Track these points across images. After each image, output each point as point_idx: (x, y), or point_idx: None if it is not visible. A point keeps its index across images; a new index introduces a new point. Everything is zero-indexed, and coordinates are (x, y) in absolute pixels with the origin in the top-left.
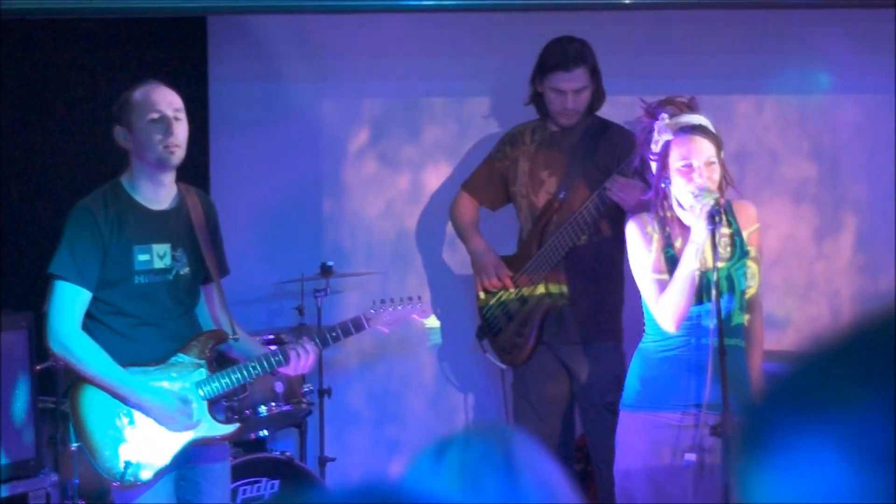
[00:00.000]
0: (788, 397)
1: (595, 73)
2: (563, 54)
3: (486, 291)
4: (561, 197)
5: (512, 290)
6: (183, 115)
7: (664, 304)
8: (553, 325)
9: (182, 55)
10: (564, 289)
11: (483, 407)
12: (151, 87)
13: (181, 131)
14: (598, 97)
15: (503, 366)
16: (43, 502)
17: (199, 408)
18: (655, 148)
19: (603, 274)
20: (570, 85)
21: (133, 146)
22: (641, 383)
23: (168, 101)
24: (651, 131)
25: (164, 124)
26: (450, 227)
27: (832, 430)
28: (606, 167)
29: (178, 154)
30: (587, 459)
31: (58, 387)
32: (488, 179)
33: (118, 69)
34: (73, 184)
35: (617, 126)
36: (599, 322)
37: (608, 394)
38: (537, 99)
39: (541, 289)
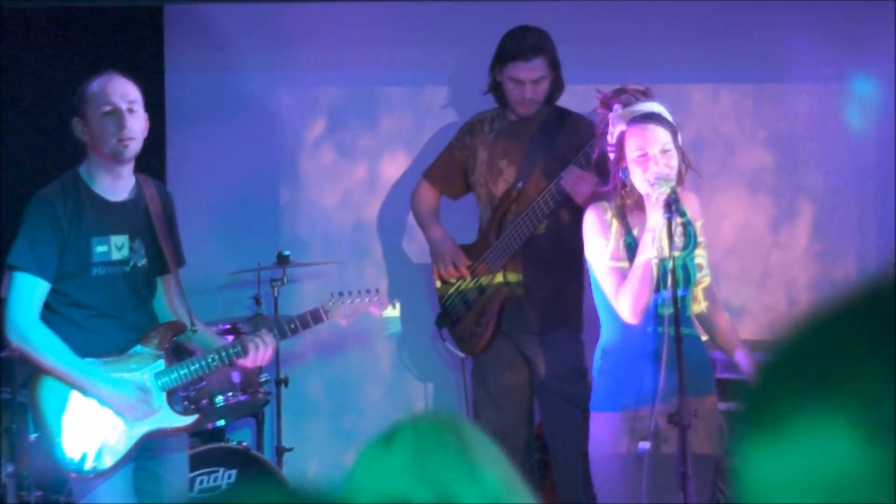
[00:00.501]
0: (792, 372)
1: (554, 64)
2: (521, 44)
3: (445, 280)
4: (519, 186)
5: (469, 279)
6: (138, 107)
7: (625, 295)
8: (512, 315)
9: (138, 45)
10: (522, 278)
11: (442, 396)
12: (106, 79)
13: (135, 124)
14: (557, 87)
15: (462, 354)
16: None
17: (158, 398)
18: (611, 139)
19: (561, 263)
20: (528, 75)
21: (89, 139)
22: (605, 381)
23: (122, 93)
24: (607, 122)
25: (118, 117)
26: (410, 217)
27: (839, 402)
28: (565, 156)
29: (133, 147)
30: (545, 448)
31: (14, 377)
32: (448, 168)
33: (74, 60)
34: (32, 174)
35: (576, 115)
36: (558, 311)
37: (566, 384)
38: (496, 88)
39: (499, 278)
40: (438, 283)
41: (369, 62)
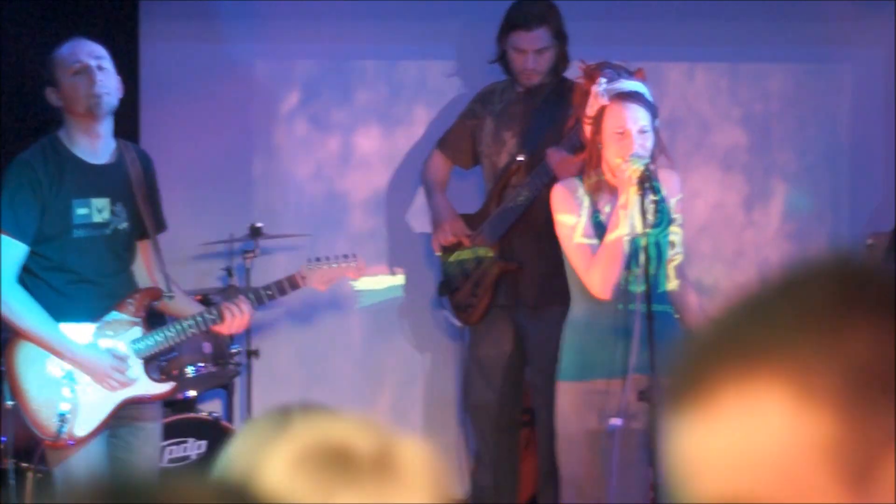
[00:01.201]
0: (722, 345)
1: (559, 35)
2: (525, 14)
3: (446, 248)
4: (519, 159)
5: (469, 248)
6: (108, 64)
7: (595, 271)
8: (507, 288)
9: (113, 14)
10: (518, 252)
11: (432, 368)
12: (75, 42)
13: (106, 78)
14: (562, 59)
15: (458, 323)
16: None
17: (135, 366)
18: (591, 112)
19: (556, 238)
20: (530, 44)
21: (64, 103)
22: (571, 353)
23: (88, 51)
24: (587, 94)
25: (87, 74)
26: (385, 190)
27: (771, 374)
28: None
29: (107, 100)
30: (531, 424)
31: None
32: (460, 138)
33: (47, 30)
34: (6, 143)
35: None
36: (552, 286)
37: (556, 360)
38: (503, 58)
39: (495, 250)
40: (439, 251)
41: (345, 35)
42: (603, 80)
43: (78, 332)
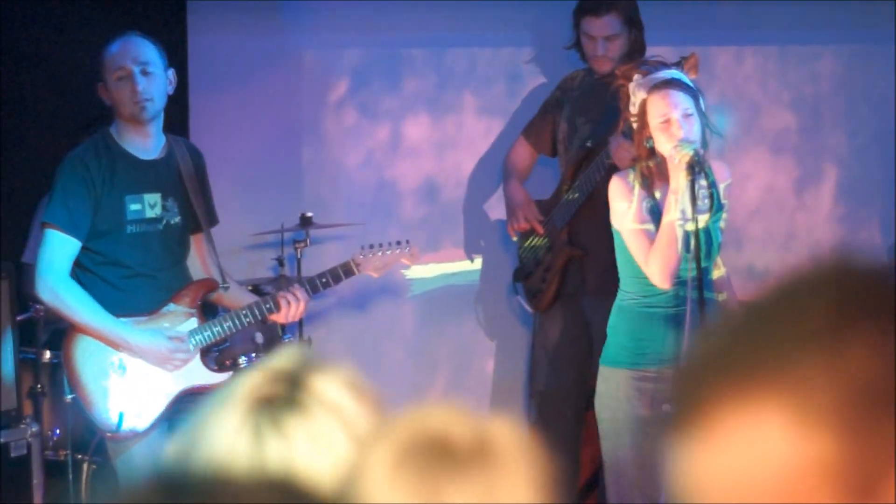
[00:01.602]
0: (722, 363)
1: (631, 22)
2: (596, 0)
3: (522, 233)
4: (588, 145)
5: (542, 234)
6: (154, 68)
7: (654, 259)
8: (575, 275)
9: (161, 6)
10: (584, 239)
11: (504, 357)
12: (121, 43)
13: (150, 84)
14: (637, 46)
15: (531, 309)
16: (24, 452)
17: (192, 356)
18: (633, 109)
19: None
20: (599, 31)
21: (112, 102)
22: (623, 339)
23: (133, 56)
24: (629, 94)
25: (130, 81)
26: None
27: (775, 391)
28: None
29: (150, 108)
30: None
31: (37, 338)
32: (542, 125)
33: (95, 23)
34: (55, 137)
35: None
36: (615, 274)
37: None
38: (578, 44)
39: (563, 236)
40: (515, 237)
41: (393, 23)
42: (638, 75)
43: (134, 324)
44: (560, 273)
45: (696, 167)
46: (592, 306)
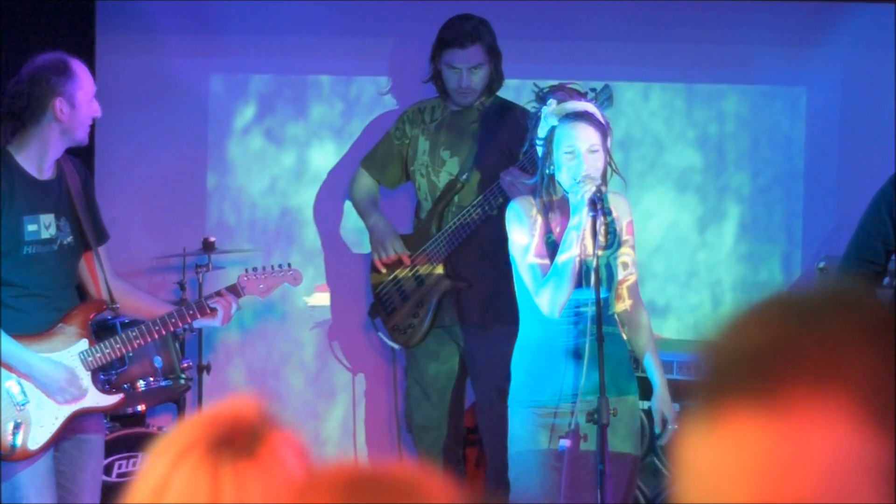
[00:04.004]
0: (728, 368)
1: (492, 52)
2: (459, 31)
3: (380, 269)
4: (463, 178)
5: (408, 268)
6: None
7: (546, 291)
8: (450, 308)
9: (69, 27)
10: (463, 271)
11: (370, 387)
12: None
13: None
14: (496, 77)
15: (395, 346)
16: None
17: (84, 378)
18: (542, 133)
19: (503, 257)
20: (464, 62)
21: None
22: (522, 375)
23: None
24: (539, 116)
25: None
26: (346, 206)
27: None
28: (510, 148)
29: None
30: (480, 442)
31: None
32: (386, 157)
33: (3, 42)
34: None
35: (521, 108)
36: (497, 306)
37: (502, 380)
38: (437, 77)
39: (439, 270)
40: (375, 273)
41: (300, 50)
42: (552, 101)
43: (26, 345)
44: (436, 306)
45: (598, 204)
46: (472, 338)
